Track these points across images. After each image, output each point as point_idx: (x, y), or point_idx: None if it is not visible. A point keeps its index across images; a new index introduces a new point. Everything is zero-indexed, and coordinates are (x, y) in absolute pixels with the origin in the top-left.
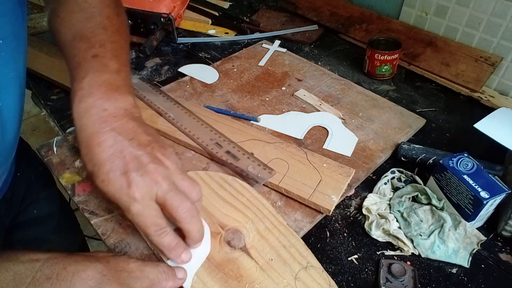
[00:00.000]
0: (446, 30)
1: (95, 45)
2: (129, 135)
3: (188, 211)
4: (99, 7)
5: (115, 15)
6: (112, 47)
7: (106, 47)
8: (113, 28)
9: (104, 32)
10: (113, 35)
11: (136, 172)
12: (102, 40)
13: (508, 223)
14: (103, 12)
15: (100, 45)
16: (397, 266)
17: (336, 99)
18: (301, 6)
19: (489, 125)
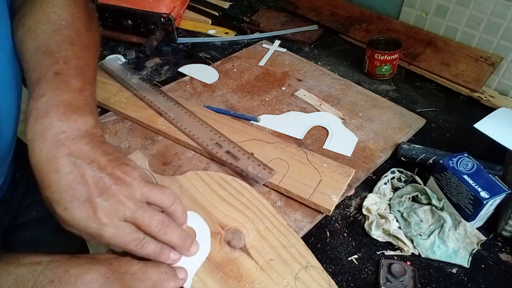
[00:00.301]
0: (446, 30)
1: (59, 61)
2: (88, 158)
3: (160, 224)
4: (69, 20)
5: (85, 30)
6: (78, 64)
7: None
8: (81, 44)
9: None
10: (80, 50)
11: (101, 197)
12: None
13: (508, 223)
14: (73, 26)
15: (64, 61)
16: (397, 266)
17: (336, 99)
18: (301, 6)
19: (489, 125)
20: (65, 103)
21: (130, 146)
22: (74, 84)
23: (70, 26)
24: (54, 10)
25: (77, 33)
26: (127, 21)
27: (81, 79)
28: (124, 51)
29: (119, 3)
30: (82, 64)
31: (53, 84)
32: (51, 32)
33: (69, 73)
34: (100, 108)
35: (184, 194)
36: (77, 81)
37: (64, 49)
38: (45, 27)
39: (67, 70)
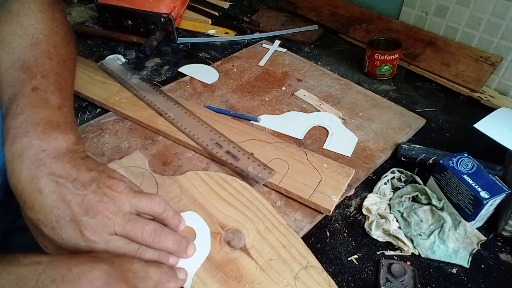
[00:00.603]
0: (446, 30)
1: (36, 75)
2: (71, 177)
3: (153, 233)
4: (47, 34)
5: (63, 44)
6: (56, 79)
7: (49, 79)
8: (59, 59)
9: (49, 62)
10: (58, 65)
11: (86, 216)
12: (45, 71)
13: (508, 223)
14: (50, 40)
15: (42, 76)
16: (397, 266)
17: (336, 99)
18: (301, 6)
19: (489, 125)
20: (45, 121)
21: (130, 146)
22: (53, 100)
23: (48, 40)
24: (31, 23)
25: (55, 47)
26: (127, 21)
27: (60, 95)
28: (124, 51)
29: (119, 3)
30: (61, 80)
31: (31, 101)
32: (28, 46)
33: (48, 89)
34: (100, 108)
35: (184, 194)
36: (56, 97)
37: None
38: (21, 40)
39: (46, 86)
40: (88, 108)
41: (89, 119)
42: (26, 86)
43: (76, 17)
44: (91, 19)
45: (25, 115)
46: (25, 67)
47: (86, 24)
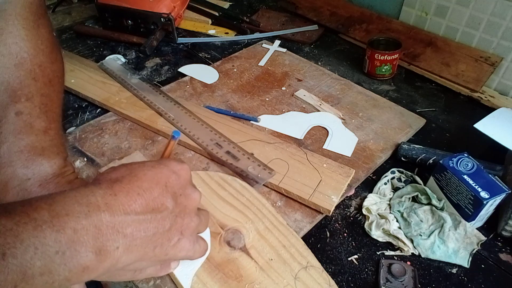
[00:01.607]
0: (446, 30)
1: (21, 99)
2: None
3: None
4: (31, 53)
5: (49, 63)
6: (42, 101)
7: (34, 101)
8: (45, 79)
9: (34, 84)
10: (44, 87)
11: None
12: (30, 93)
13: (508, 223)
14: (35, 60)
15: (27, 98)
16: (397, 266)
17: (336, 99)
18: (301, 6)
19: (489, 125)
20: (29, 148)
21: (130, 146)
22: (38, 124)
23: (33, 59)
24: (15, 41)
25: (40, 67)
26: (127, 21)
27: (45, 118)
28: (124, 51)
29: (119, 3)
30: (46, 101)
31: (15, 127)
32: (13, 67)
33: (33, 113)
34: (100, 108)
35: None
36: (41, 121)
37: (26, 86)
38: (5, 60)
39: (30, 109)
40: (88, 108)
41: (89, 119)
42: (10, 111)
43: (76, 17)
44: (91, 19)
45: (8, 143)
46: (9, 90)
47: (86, 24)
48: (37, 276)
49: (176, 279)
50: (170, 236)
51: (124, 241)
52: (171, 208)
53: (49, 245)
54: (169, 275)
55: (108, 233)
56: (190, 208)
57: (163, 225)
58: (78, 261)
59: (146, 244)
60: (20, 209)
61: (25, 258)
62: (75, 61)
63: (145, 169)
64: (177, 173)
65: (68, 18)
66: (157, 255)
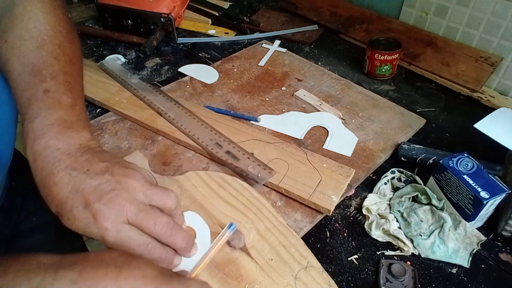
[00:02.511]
0: (446, 30)
1: (46, 78)
2: (84, 168)
3: (165, 226)
4: (51, 35)
5: (68, 43)
6: (65, 79)
7: (59, 79)
8: (66, 58)
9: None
10: (65, 65)
11: (99, 202)
12: (54, 72)
13: (508, 223)
14: (55, 40)
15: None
16: (397, 266)
17: (336, 99)
18: (301, 6)
19: (489, 125)
20: (59, 121)
21: (130, 146)
22: (65, 100)
23: (53, 40)
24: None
25: (60, 47)
26: (127, 21)
27: (70, 95)
28: (124, 51)
29: (119, 3)
30: (70, 79)
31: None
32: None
33: (59, 90)
34: (100, 108)
35: (184, 194)
36: (67, 97)
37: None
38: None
39: (56, 87)
40: (88, 108)
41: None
42: (38, 89)
43: (76, 17)
44: (91, 19)
45: (41, 118)
46: (35, 70)
47: (86, 24)
48: None
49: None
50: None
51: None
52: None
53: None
54: None
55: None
56: None
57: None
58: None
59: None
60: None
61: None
62: None
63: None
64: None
65: None
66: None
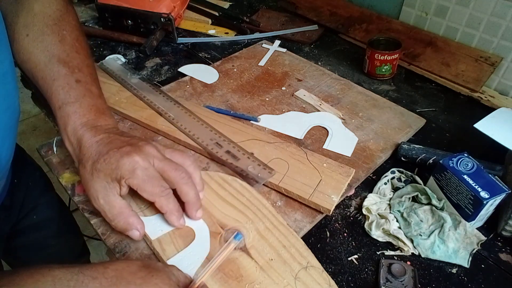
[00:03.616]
0: (446, 30)
1: (74, 70)
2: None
3: (184, 173)
4: (69, 30)
5: (83, 36)
6: (89, 71)
7: (84, 71)
8: (84, 52)
9: (78, 56)
10: (86, 58)
11: (131, 147)
12: (78, 65)
13: (508, 223)
14: (73, 35)
15: (78, 69)
16: (397, 266)
17: (336, 99)
18: (301, 6)
19: (489, 125)
20: (95, 108)
21: None
22: (94, 90)
23: (71, 35)
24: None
25: (78, 41)
26: (127, 21)
27: (96, 86)
28: (124, 51)
29: (119, 3)
30: (92, 71)
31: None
32: (58, 43)
33: (87, 81)
34: None
35: None
36: (95, 88)
37: (74, 58)
38: (50, 38)
39: (85, 78)
40: None
41: None
42: (71, 79)
43: None
44: (91, 19)
45: (80, 102)
46: (61, 62)
47: (86, 24)
48: None
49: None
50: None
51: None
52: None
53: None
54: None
55: None
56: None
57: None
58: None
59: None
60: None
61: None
62: None
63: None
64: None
65: None
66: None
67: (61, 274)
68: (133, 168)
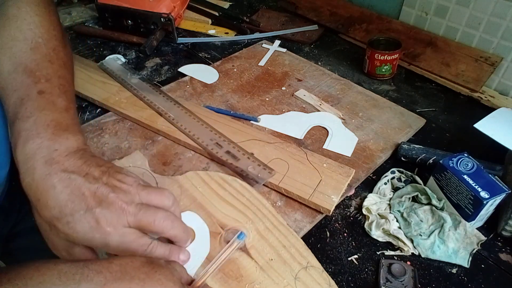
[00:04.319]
0: (446, 30)
1: (40, 79)
2: (83, 171)
3: (164, 219)
4: (45, 38)
5: (62, 47)
6: (60, 82)
7: (53, 82)
8: (60, 62)
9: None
10: (59, 69)
11: (100, 207)
12: (48, 75)
13: (508, 223)
14: (50, 44)
15: (46, 79)
16: (397, 266)
17: (336, 99)
18: (301, 6)
19: (489, 125)
20: (54, 123)
21: (130, 146)
22: (59, 103)
23: (47, 44)
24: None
25: (55, 50)
26: (127, 21)
27: (65, 98)
28: (124, 51)
29: (119, 3)
30: (64, 83)
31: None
32: (29, 51)
33: (53, 92)
34: (100, 108)
35: (184, 194)
36: (62, 100)
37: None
38: (21, 44)
39: (51, 89)
40: (88, 108)
41: (89, 119)
42: (32, 90)
43: (76, 17)
44: (91, 19)
45: (35, 118)
46: (28, 71)
47: (86, 24)
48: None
49: None
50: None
51: None
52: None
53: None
54: None
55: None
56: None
57: None
58: None
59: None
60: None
61: None
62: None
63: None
64: None
65: (68, 18)
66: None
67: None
68: (106, 242)
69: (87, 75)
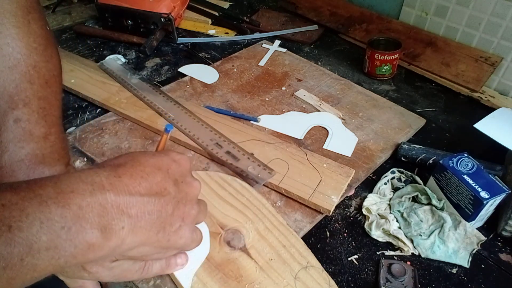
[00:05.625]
0: (446, 30)
1: (18, 105)
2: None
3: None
4: (24, 53)
5: (44, 62)
6: (40, 105)
7: (32, 106)
8: (41, 81)
9: (30, 87)
10: (40, 89)
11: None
12: (27, 98)
13: (508, 223)
14: (29, 61)
15: (24, 104)
16: (397, 266)
17: (336, 99)
18: (301, 6)
19: (489, 125)
20: (29, 156)
21: (130, 146)
22: (37, 131)
23: (27, 60)
24: (6, 42)
25: (35, 68)
26: (127, 21)
27: (44, 124)
28: (124, 51)
29: (119, 3)
30: (44, 105)
31: (14, 135)
32: (6, 70)
33: (31, 119)
34: (100, 108)
35: None
36: (40, 127)
37: (23, 90)
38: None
39: (29, 115)
40: (88, 108)
41: (89, 119)
42: (9, 118)
43: (76, 17)
44: (91, 19)
45: (9, 153)
46: (5, 95)
47: (86, 24)
48: (43, 251)
49: (176, 279)
50: (172, 221)
51: (129, 222)
52: (173, 194)
53: (55, 220)
54: (169, 276)
55: (113, 212)
56: (191, 196)
57: (166, 209)
58: (83, 237)
59: (150, 227)
60: (26, 186)
61: (31, 231)
62: (75, 61)
63: (147, 156)
64: (177, 162)
65: (68, 18)
66: (159, 240)
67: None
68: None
69: (87, 75)
